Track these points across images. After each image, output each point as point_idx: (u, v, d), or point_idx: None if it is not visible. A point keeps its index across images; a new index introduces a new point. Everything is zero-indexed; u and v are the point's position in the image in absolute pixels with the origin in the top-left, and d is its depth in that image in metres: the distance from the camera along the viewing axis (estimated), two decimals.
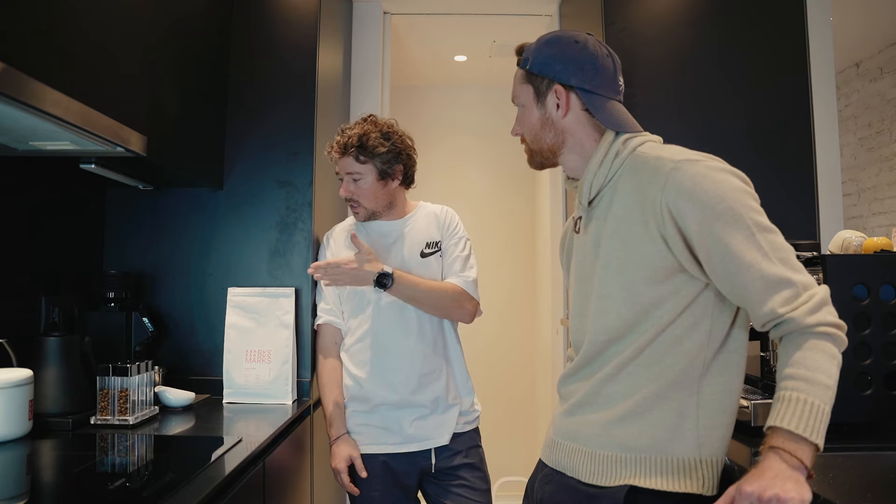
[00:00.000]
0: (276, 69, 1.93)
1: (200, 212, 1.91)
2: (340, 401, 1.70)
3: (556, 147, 1.11)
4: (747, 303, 0.92)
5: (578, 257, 1.13)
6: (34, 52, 1.02)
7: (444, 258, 1.72)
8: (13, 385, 1.23)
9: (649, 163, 1.00)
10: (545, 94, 1.09)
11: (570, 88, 1.08)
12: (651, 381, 0.98)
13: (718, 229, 0.91)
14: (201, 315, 1.88)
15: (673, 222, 0.95)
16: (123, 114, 1.29)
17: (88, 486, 1.00)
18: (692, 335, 0.98)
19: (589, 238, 1.09)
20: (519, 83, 1.13)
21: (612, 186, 1.05)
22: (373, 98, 2.55)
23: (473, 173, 3.85)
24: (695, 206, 0.93)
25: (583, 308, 1.10)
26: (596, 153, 1.07)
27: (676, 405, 0.97)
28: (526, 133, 1.14)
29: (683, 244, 0.96)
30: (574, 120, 1.09)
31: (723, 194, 0.92)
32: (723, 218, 0.91)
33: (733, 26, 2.10)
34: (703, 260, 0.94)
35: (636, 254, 0.99)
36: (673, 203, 0.95)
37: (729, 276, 0.92)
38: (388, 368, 1.64)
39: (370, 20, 2.58)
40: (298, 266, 1.88)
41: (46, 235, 1.62)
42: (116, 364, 1.43)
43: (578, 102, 1.08)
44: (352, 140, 1.61)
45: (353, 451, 1.62)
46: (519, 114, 1.14)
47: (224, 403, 1.75)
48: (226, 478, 1.08)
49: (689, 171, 0.95)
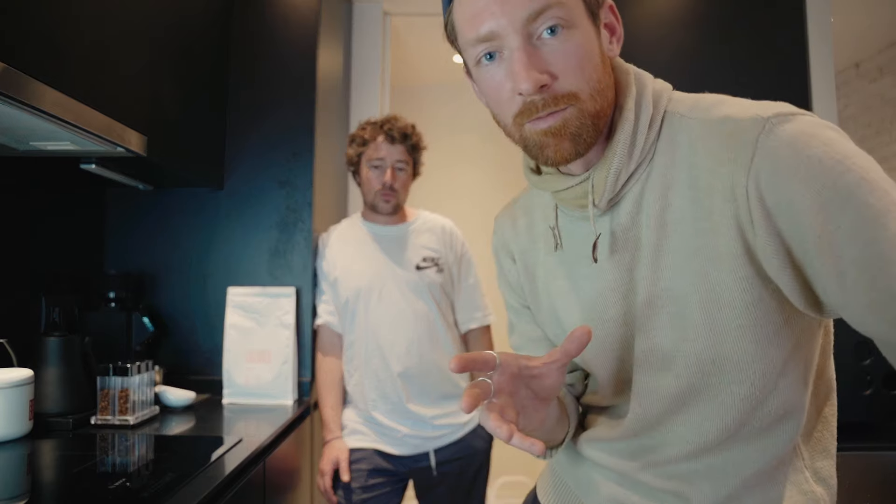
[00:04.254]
0: (276, 69, 1.93)
1: (200, 212, 1.91)
2: (337, 403, 1.71)
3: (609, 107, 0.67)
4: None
5: (585, 293, 0.74)
6: (34, 52, 1.02)
7: (454, 282, 1.75)
8: (13, 385, 1.24)
9: (710, 126, 0.63)
10: (597, 12, 0.66)
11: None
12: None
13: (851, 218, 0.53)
14: (202, 315, 1.88)
15: (767, 221, 0.58)
16: (123, 114, 1.29)
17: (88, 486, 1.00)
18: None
19: (613, 265, 0.70)
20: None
21: (643, 173, 0.68)
22: (373, 98, 2.55)
23: (473, 174, 3.84)
24: (809, 187, 0.55)
25: (623, 376, 0.74)
26: (623, 120, 0.66)
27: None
28: (579, 73, 0.62)
29: (786, 257, 0.58)
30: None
31: (847, 162, 0.55)
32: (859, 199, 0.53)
33: (733, 27, 2.10)
34: (826, 276, 0.56)
35: (725, 290, 0.62)
36: (770, 188, 0.57)
37: (877, 290, 0.53)
38: (386, 371, 1.64)
39: (370, 20, 2.57)
40: (298, 266, 1.88)
41: (47, 235, 1.62)
42: (117, 364, 1.43)
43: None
44: (408, 131, 1.69)
45: (342, 454, 1.62)
46: (553, 40, 0.61)
47: (224, 403, 1.75)
48: (226, 478, 1.08)
49: (789, 133, 0.57)
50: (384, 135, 1.68)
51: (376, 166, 1.69)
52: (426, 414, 1.64)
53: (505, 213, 0.90)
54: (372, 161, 1.69)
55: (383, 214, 1.74)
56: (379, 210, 1.72)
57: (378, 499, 1.61)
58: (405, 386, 1.64)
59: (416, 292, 1.68)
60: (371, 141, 1.69)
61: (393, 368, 1.64)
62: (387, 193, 1.69)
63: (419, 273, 1.69)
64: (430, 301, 1.68)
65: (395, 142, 1.68)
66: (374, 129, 1.70)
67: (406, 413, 1.64)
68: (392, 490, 1.64)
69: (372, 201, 1.72)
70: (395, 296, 1.67)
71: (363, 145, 1.71)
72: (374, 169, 1.69)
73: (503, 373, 0.61)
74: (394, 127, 1.69)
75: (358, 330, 1.69)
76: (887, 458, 1.18)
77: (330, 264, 1.76)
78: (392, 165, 1.69)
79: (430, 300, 1.69)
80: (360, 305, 1.68)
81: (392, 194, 1.69)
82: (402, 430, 1.63)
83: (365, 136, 1.70)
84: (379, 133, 1.69)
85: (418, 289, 1.68)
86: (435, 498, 1.68)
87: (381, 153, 1.68)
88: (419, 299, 1.68)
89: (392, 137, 1.68)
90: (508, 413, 0.61)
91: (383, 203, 1.70)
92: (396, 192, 1.70)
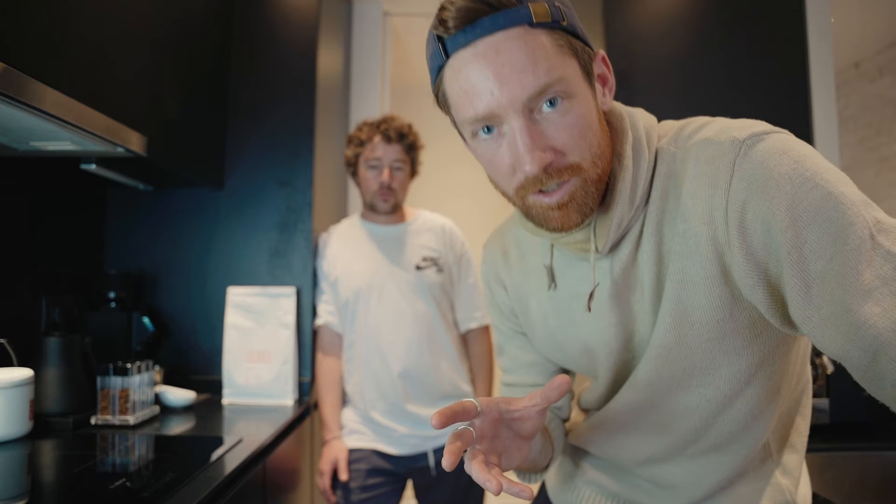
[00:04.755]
0: (276, 69, 1.93)
1: (201, 212, 1.91)
2: (337, 402, 1.71)
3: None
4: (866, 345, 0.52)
5: (586, 329, 0.75)
6: (34, 52, 1.02)
7: (454, 282, 1.76)
8: (14, 385, 1.24)
9: (693, 153, 0.64)
10: (591, 70, 0.65)
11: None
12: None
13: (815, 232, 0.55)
14: (202, 315, 1.88)
15: (742, 241, 0.59)
16: (123, 114, 1.29)
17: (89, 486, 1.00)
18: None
19: (612, 305, 0.70)
20: (553, 54, 0.59)
21: (640, 214, 0.68)
22: (373, 98, 2.55)
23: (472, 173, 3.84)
24: (779, 204, 0.56)
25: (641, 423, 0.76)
26: (623, 169, 0.66)
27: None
28: (582, 144, 0.62)
29: (761, 276, 0.60)
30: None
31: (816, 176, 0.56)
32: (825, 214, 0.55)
33: (733, 27, 2.10)
34: (793, 290, 0.56)
35: (697, 308, 0.65)
36: (745, 208, 0.59)
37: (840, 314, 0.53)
38: (385, 371, 1.65)
39: (370, 20, 2.57)
40: (298, 266, 1.88)
41: (47, 235, 1.62)
42: (117, 364, 1.43)
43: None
44: (404, 130, 1.70)
45: (341, 454, 1.62)
46: (553, 113, 0.60)
47: (224, 403, 1.75)
48: (226, 478, 1.08)
49: (762, 153, 0.59)
50: (381, 135, 1.69)
51: (373, 166, 1.69)
52: (425, 414, 1.64)
53: (494, 244, 0.88)
54: (369, 161, 1.69)
55: (382, 214, 1.74)
56: (378, 209, 1.72)
57: (376, 499, 1.61)
58: (404, 386, 1.64)
59: (416, 292, 1.68)
60: (368, 141, 1.70)
61: (392, 368, 1.64)
62: (385, 193, 1.69)
63: (419, 273, 1.69)
64: (429, 301, 1.69)
65: (392, 141, 1.69)
66: (371, 130, 1.71)
67: (405, 413, 1.64)
68: (391, 490, 1.64)
69: (370, 201, 1.72)
70: (394, 296, 1.67)
71: (360, 146, 1.71)
72: (371, 169, 1.69)
73: (485, 419, 0.61)
74: (390, 127, 1.69)
75: (358, 330, 1.69)
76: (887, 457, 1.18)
77: (330, 264, 1.77)
78: (389, 165, 1.69)
79: (430, 300, 1.69)
80: (359, 306, 1.68)
81: (390, 194, 1.69)
82: (401, 429, 1.63)
83: (362, 137, 1.71)
84: (375, 133, 1.69)
85: (418, 289, 1.68)
86: (434, 498, 1.68)
87: (377, 153, 1.69)
88: (419, 299, 1.68)
89: (388, 137, 1.68)
90: (491, 458, 0.61)
91: (381, 203, 1.70)
92: (394, 192, 1.70)
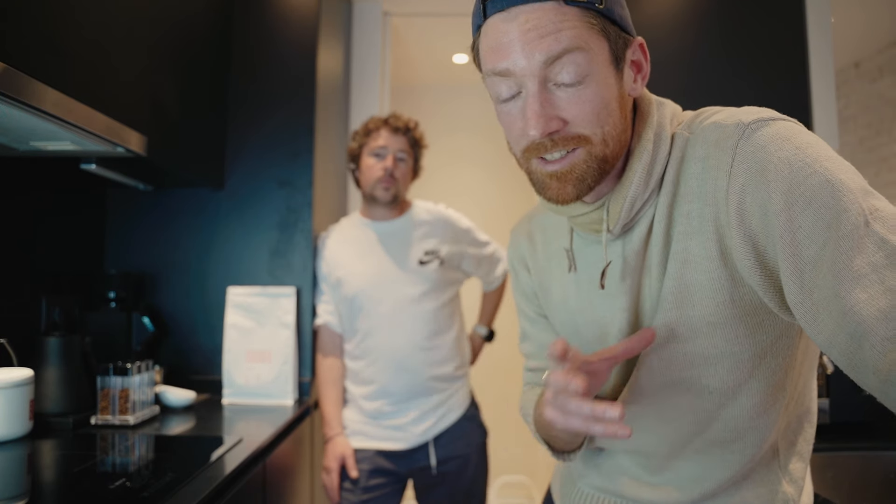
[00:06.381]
0: (276, 69, 1.93)
1: (201, 212, 1.91)
2: (338, 400, 1.71)
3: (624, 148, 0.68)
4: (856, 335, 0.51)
5: (601, 312, 0.76)
6: (34, 52, 1.02)
7: (464, 257, 1.78)
8: (13, 385, 1.24)
9: (702, 136, 0.66)
10: (622, 56, 0.66)
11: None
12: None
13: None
14: (202, 315, 1.88)
15: (741, 222, 0.61)
16: (123, 114, 1.29)
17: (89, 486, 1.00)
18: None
19: (625, 288, 0.71)
20: (582, 29, 0.61)
21: (655, 198, 0.70)
22: (373, 98, 2.55)
23: (473, 174, 3.85)
24: (777, 188, 0.58)
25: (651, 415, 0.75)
26: (641, 149, 0.68)
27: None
28: (593, 119, 0.63)
29: (758, 258, 0.61)
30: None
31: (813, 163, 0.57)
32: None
33: (733, 27, 2.10)
34: (788, 274, 0.57)
35: (698, 289, 0.66)
36: (745, 190, 0.60)
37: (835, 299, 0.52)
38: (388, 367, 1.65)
39: (370, 20, 2.57)
40: (299, 266, 1.88)
41: (47, 235, 1.62)
42: (117, 364, 1.43)
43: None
44: (410, 125, 1.74)
45: (346, 450, 1.62)
46: (569, 88, 0.62)
47: (224, 403, 1.75)
48: (226, 478, 1.08)
49: (765, 137, 0.60)
50: (387, 125, 1.72)
51: (378, 154, 1.70)
52: (426, 407, 1.65)
53: (521, 228, 0.92)
54: (374, 150, 1.71)
55: (382, 207, 1.73)
56: (378, 199, 1.71)
57: (378, 499, 1.61)
58: (407, 381, 1.64)
59: (419, 288, 1.68)
60: (374, 131, 1.72)
61: (395, 364, 1.64)
62: (386, 181, 1.68)
63: (422, 268, 1.68)
64: (432, 296, 1.68)
65: (398, 132, 1.72)
66: (377, 121, 1.74)
67: (407, 407, 1.64)
68: (392, 490, 1.64)
69: (371, 191, 1.71)
70: (397, 293, 1.67)
71: (366, 135, 1.73)
72: (375, 157, 1.70)
73: (571, 365, 0.61)
74: (397, 120, 1.73)
75: (361, 328, 1.69)
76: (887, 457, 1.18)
77: (330, 265, 1.76)
78: (393, 154, 1.71)
79: (433, 295, 1.68)
80: (362, 304, 1.68)
81: (392, 182, 1.69)
82: (403, 422, 1.64)
83: (368, 127, 1.73)
84: (382, 125, 1.73)
85: (421, 284, 1.68)
86: (435, 498, 1.68)
87: (382, 142, 1.71)
88: (422, 295, 1.68)
89: (395, 128, 1.72)
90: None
91: (383, 191, 1.69)
92: (396, 181, 1.70)
